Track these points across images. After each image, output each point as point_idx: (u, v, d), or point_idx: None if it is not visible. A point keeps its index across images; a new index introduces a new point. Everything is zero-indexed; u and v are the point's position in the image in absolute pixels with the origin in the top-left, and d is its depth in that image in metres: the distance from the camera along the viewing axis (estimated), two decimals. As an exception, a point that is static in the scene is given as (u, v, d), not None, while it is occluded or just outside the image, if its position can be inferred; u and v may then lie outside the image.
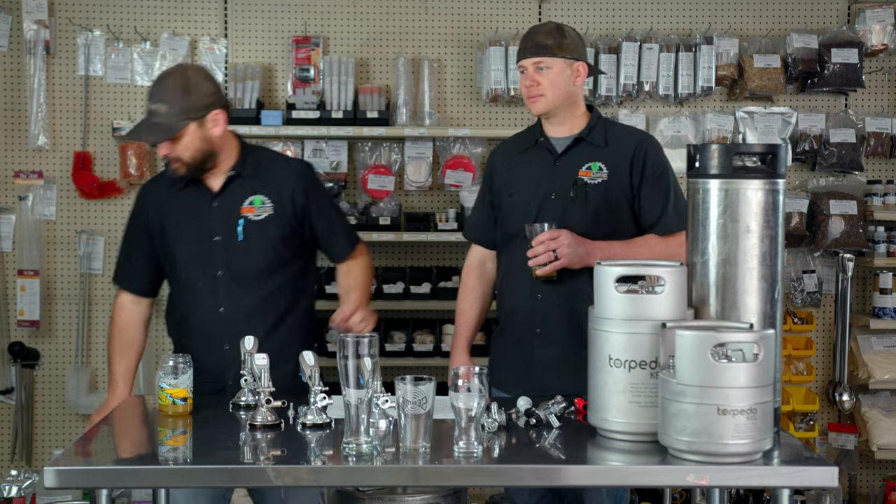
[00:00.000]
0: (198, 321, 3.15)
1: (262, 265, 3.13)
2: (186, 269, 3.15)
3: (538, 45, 3.11)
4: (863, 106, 4.91)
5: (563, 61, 3.11)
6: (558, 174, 3.16)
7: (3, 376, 4.72)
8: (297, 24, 4.77)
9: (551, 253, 2.96)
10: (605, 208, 3.11)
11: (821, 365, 4.93)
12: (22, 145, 4.72)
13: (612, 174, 3.12)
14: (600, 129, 3.18)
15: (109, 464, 2.38)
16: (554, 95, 3.12)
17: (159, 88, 3.05)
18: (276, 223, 3.13)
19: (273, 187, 3.15)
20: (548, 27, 3.15)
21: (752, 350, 2.20)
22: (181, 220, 3.15)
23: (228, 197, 3.13)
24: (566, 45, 3.12)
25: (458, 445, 2.29)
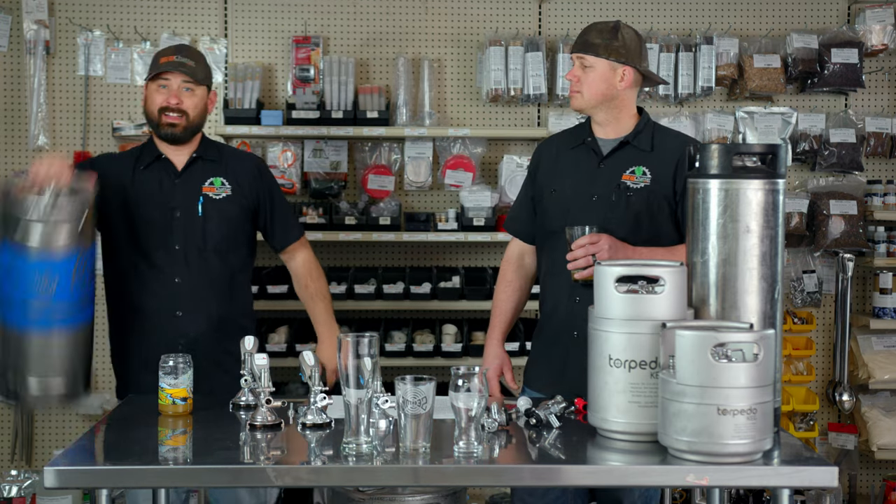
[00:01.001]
0: (152, 289, 3.28)
1: (217, 241, 3.31)
2: (145, 240, 3.28)
3: (585, 42, 3.08)
4: (863, 106, 4.91)
5: (606, 63, 3.05)
6: (602, 176, 3.12)
7: (3, 376, 4.72)
8: (297, 24, 4.77)
9: (590, 257, 2.92)
10: (646, 213, 3.06)
11: (821, 365, 4.93)
12: (22, 145, 4.72)
13: (656, 179, 3.07)
14: (647, 134, 3.13)
15: (109, 464, 2.38)
16: (590, 95, 3.08)
17: (183, 48, 3.32)
18: (232, 204, 3.33)
19: (232, 172, 3.36)
20: (604, 25, 3.11)
21: (752, 350, 2.20)
22: (144, 194, 3.29)
23: (191, 175, 3.33)
24: (614, 47, 3.05)
25: (458, 445, 2.29)
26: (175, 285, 3.27)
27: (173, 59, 3.26)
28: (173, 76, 3.25)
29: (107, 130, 4.72)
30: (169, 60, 3.26)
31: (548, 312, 3.23)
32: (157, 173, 3.32)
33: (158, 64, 3.28)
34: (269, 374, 2.63)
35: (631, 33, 3.11)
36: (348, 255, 4.83)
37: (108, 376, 4.74)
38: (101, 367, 4.75)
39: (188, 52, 3.32)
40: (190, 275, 3.28)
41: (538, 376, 3.22)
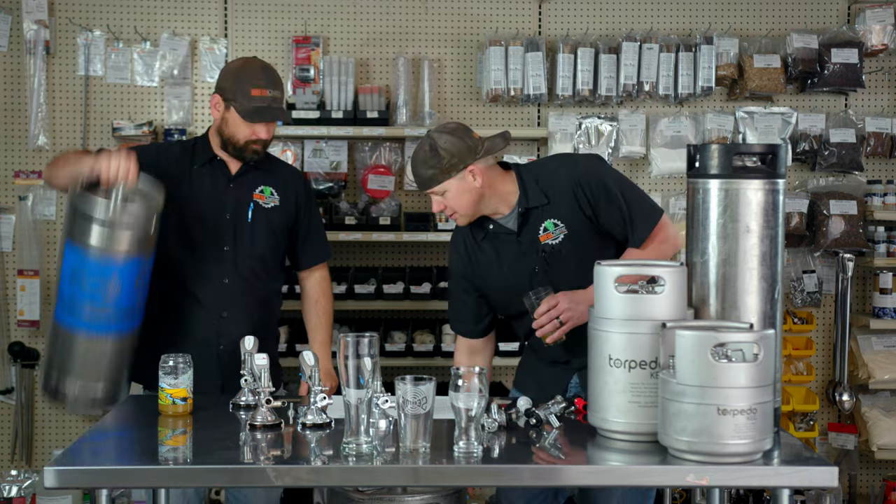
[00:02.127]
0: (199, 287, 3.29)
1: (263, 247, 3.34)
2: (197, 238, 3.29)
3: (423, 178, 3.04)
4: (863, 106, 4.91)
5: (453, 180, 3.02)
6: (526, 250, 3.10)
7: (3, 376, 4.72)
8: (297, 24, 4.77)
9: (556, 321, 2.93)
10: (583, 255, 3.02)
11: (821, 365, 4.93)
12: (22, 145, 4.72)
13: (568, 224, 3.07)
14: (534, 189, 3.09)
15: (109, 464, 2.38)
16: (465, 209, 3.06)
17: (271, 75, 3.28)
18: (279, 214, 3.37)
19: (280, 184, 3.39)
20: (423, 155, 3.03)
21: (752, 350, 2.20)
22: (199, 192, 3.31)
23: (244, 181, 3.35)
24: (446, 166, 3.00)
25: (458, 445, 2.29)
26: (223, 286, 3.29)
27: (267, 94, 3.22)
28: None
29: (107, 130, 4.72)
30: (263, 95, 3.22)
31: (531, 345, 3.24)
32: (211, 174, 3.33)
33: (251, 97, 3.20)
34: (269, 374, 2.63)
35: (447, 140, 3.02)
36: (348, 255, 4.83)
37: (108, 376, 4.74)
38: (101, 367, 4.75)
39: (276, 83, 3.27)
40: (237, 277, 3.30)
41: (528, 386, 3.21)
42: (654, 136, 4.77)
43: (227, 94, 3.25)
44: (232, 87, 3.24)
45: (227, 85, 3.26)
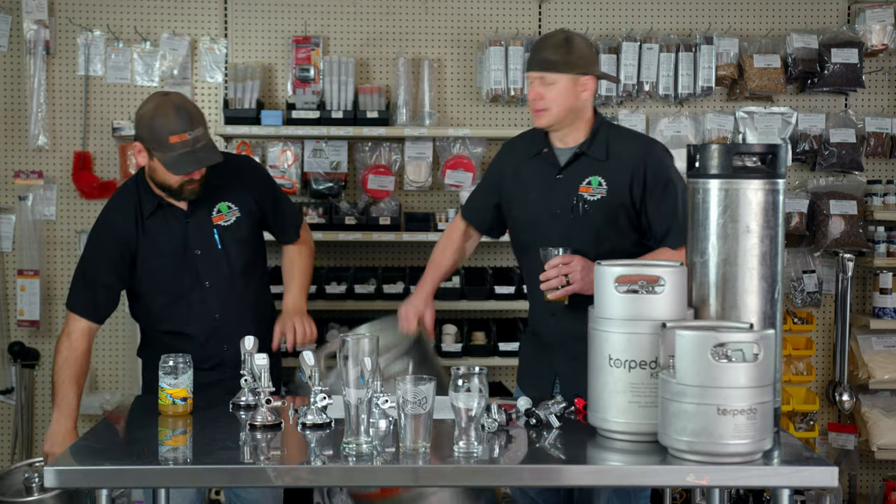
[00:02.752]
0: (194, 331, 3.23)
1: (242, 266, 3.28)
2: (175, 287, 3.21)
3: (544, 60, 3.07)
4: (863, 106, 4.91)
5: (568, 77, 3.06)
6: (560, 189, 3.14)
7: (3, 376, 4.72)
8: (297, 24, 4.77)
9: (563, 278, 2.93)
10: (605, 224, 3.08)
11: (821, 365, 4.93)
12: (22, 145, 4.72)
13: (612, 189, 3.08)
14: (602, 141, 3.13)
15: (109, 464, 2.38)
16: (558, 111, 3.09)
17: (186, 115, 3.05)
18: (244, 224, 3.28)
19: (232, 192, 3.27)
20: (556, 40, 3.10)
21: (752, 350, 2.20)
22: (158, 244, 3.21)
23: (199, 213, 3.23)
24: (572, 61, 3.06)
25: (458, 445, 2.29)
26: (215, 321, 3.24)
27: (187, 138, 3.03)
28: None
29: (107, 130, 4.71)
30: (182, 140, 3.02)
31: (532, 321, 3.30)
32: (164, 218, 3.21)
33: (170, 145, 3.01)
34: (269, 374, 2.63)
35: (582, 41, 3.12)
36: (348, 255, 4.82)
37: (108, 376, 4.75)
38: (102, 367, 4.76)
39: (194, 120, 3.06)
40: (226, 307, 3.24)
41: (530, 384, 3.25)
42: (654, 136, 4.76)
43: (148, 144, 3.07)
44: (150, 137, 3.05)
45: (144, 134, 3.06)
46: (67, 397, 3.13)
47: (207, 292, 3.23)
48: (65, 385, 3.13)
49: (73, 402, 3.13)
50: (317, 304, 4.47)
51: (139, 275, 3.22)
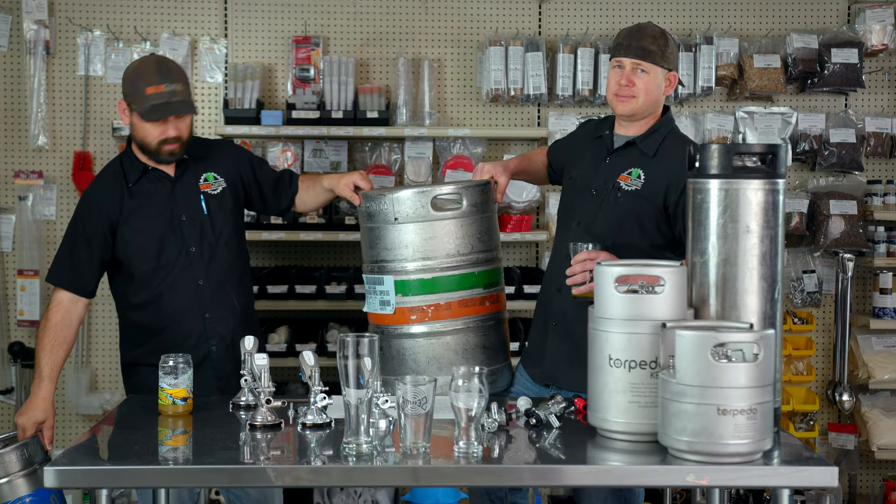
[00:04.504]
0: (177, 297, 3.24)
1: (227, 235, 3.31)
2: (155, 254, 3.24)
3: (644, 49, 3.07)
4: (863, 106, 4.91)
5: (661, 70, 3.09)
6: (604, 172, 3.16)
7: (3, 376, 4.72)
8: (297, 24, 4.77)
9: (587, 273, 2.92)
10: (630, 217, 3.08)
11: (821, 365, 4.93)
12: (22, 145, 4.72)
13: (648, 185, 3.08)
14: (656, 138, 3.14)
15: (109, 464, 2.38)
16: (645, 100, 3.09)
17: (165, 70, 3.16)
18: (230, 195, 3.33)
19: (219, 164, 3.35)
20: (654, 31, 3.11)
21: (752, 350, 2.20)
22: (144, 209, 3.25)
23: (186, 178, 3.29)
24: (668, 55, 3.10)
25: (458, 445, 2.30)
26: (199, 288, 3.25)
27: (162, 89, 3.12)
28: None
29: (107, 130, 4.72)
30: (158, 92, 3.11)
31: (540, 297, 3.34)
32: (150, 184, 3.26)
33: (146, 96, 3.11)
34: (269, 374, 2.63)
35: (672, 38, 3.16)
36: (348, 255, 4.82)
37: (108, 376, 4.75)
38: (101, 368, 4.76)
39: (173, 75, 3.16)
40: (210, 274, 3.26)
41: (527, 358, 3.31)
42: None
43: (128, 98, 3.16)
44: (131, 90, 3.15)
45: (126, 88, 3.17)
46: (40, 365, 3.16)
47: (193, 257, 3.24)
48: (39, 353, 3.18)
49: (45, 370, 3.15)
50: (317, 304, 4.47)
51: (125, 240, 3.23)
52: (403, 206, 3.06)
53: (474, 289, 3.11)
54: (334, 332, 4.52)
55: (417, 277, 3.08)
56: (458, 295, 3.10)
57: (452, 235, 3.08)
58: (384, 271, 3.13)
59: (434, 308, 3.08)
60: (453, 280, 3.09)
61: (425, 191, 3.07)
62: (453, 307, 3.10)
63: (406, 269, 3.09)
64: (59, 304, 3.23)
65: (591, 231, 3.07)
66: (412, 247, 3.08)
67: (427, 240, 3.07)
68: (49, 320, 3.22)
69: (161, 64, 3.18)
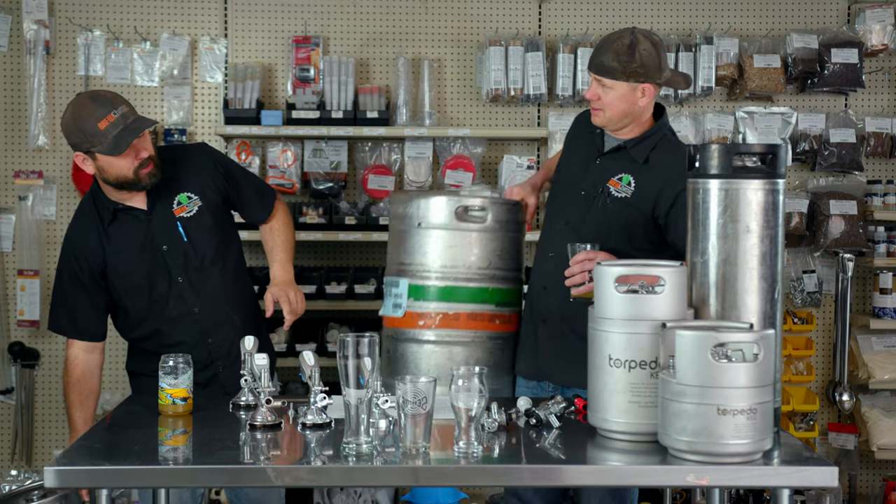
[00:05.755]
0: (175, 328, 3.19)
1: (212, 255, 3.22)
2: (146, 290, 3.18)
3: (603, 66, 3.04)
4: (863, 106, 4.91)
5: (626, 84, 3.03)
6: (594, 173, 3.15)
7: (3, 376, 4.72)
8: (297, 24, 4.77)
9: (587, 273, 2.91)
10: (619, 223, 3.07)
11: (821, 365, 4.93)
12: (22, 145, 4.72)
13: (639, 193, 3.07)
14: (647, 145, 3.11)
15: (109, 464, 2.38)
16: (612, 114, 3.08)
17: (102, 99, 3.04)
18: (207, 211, 3.23)
19: (189, 181, 3.23)
20: (620, 45, 3.03)
21: (752, 350, 2.20)
22: (124, 250, 3.18)
23: (159, 208, 3.18)
24: (631, 70, 3.01)
25: (458, 445, 2.29)
26: (195, 316, 3.19)
27: (113, 118, 3.00)
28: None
29: (107, 130, 4.71)
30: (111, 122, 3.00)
31: (528, 296, 3.33)
32: (126, 221, 3.18)
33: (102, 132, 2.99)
34: (269, 374, 2.63)
35: (648, 47, 3.03)
36: (348, 255, 4.83)
37: (108, 376, 4.74)
38: (101, 367, 4.75)
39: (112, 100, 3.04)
40: (203, 300, 3.19)
41: (519, 358, 3.27)
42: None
43: (84, 146, 3.04)
44: (81, 138, 3.03)
45: (77, 139, 3.04)
46: (73, 419, 3.22)
47: (182, 287, 3.18)
48: (70, 409, 3.22)
49: (78, 423, 3.19)
50: (317, 304, 4.47)
51: (113, 284, 3.19)
52: (429, 212, 3.07)
53: (486, 304, 3.12)
54: (334, 332, 4.53)
55: (431, 284, 3.12)
56: (468, 307, 3.11)
57: (473, 248, 3.10)
58: (402, 274, 3.15)
59: (442, 316, 3.10)
60: (466, 292, 3.10)
61: (452, 199, 3.10)
62: (461, 318, 3.11)
63: (422, 274, 3.12)
64: (75, 359, 3.22)
65: (579, 232, 3.07)
66: (431, 253, 3.10)
67: (447, 248, 3.10)
68: (70, 376, 3.22)
69: (95, 96, 3.06)
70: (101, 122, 3.00)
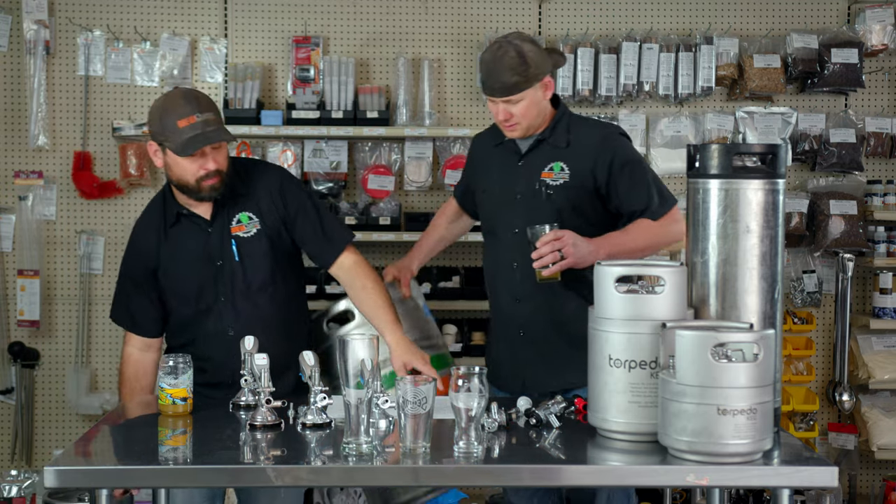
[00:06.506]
0: (208, 346, 3.12)
1: (261, 281, 3.11)
2: (193, 299, 3.12)
3: (506, 86, 3.06)
4: (863, 106, 4.91)
5: (531, 90, 3.09)
6: (522, 174, 3.19)
7: (3, 376, 4.72)
8: (297, 24, 4.77)
9: (556, 253, 2.94)
10: (568, 209, 3.12)
11: (821, 365, 4.93)
12: (22, 145, 4.72)
13: (575, 175, 3.14)
14: (563, 129, 3.19)
15: (109, 464, 2.38)
16: (527, 122, 3.14)
17: (194, 100, 2.99)
18: (265, 236, 3.11)
19: (254, 200, 3.13)
20: (510, 61, 3.04)
21: (752, 350, 2.20)
22: (181, 253, 3.12)
23: (220, 221, 3.11)
24: (531, 74, 3.06)
25: (458, 445, 2.29)
26: (229, 339, 3.03)
27: (195, 120, 2.95)
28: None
29: (107, 130, 4.71)
30: (191, 123, 2.95)
31: (495, 312, 3.33)
32: (186, 229, 3.12)
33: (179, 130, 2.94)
34: (269, 374, 2.63)
35: (530, 47, 3.09)
36: (348, 255, 4.82)
37: (108, 376, 4.75)
38: (101, 368, 4.76)
39: (203, 104, 2.99)
40: (241, 324, 3.07)
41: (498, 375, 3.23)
42: (654, 136, 4.77)
43: (158, 137, 3.00)
44: (160, 129, 2.98)
45: (155, 128, 3.00)
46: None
47: (222, 307, 3.10)
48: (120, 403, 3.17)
49: None
50: (318, 304, 4.46)
51: (162, 285, 3.14)
52: None
53: None
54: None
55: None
56: None
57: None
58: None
59: None
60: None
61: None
62: None
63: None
64: (129, 357, 3.20)
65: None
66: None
67: None
68: (123, 374, 3.21)
69: (188, 95, 3.01)
70: (181, 120, 2.95)
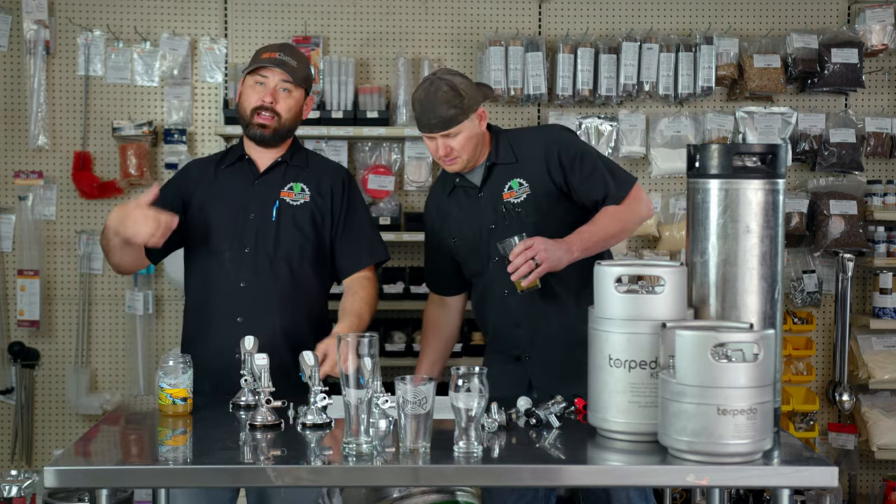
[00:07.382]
0: (217, 292, 3.11)
1: (289, 248, 3.10)
2: (216, 240, 3.12)
3: (443, 119, 3.05)
4: (863, 106, 4.91)
5: (468, 121, 3.09)
6: (487, 204, 3.18)
7: (3, 376, 4.72)
8: (297, 24, 4.77)
9: (531, 262, 2.93)
10: (541, 219, 3.12)
11: (821, 365, 4.93)
12: (22, 145, 4.72)
13: (534, 184, 3.14)
14: (505, 147, 3.19)
15: (109, 464, 2.38)
16: (467, 154, 3.13)
17: (287, 47, 3.16)
18: (310, 212, 3.14)
19: (314, 178, 3.18)
20: (444, 95, 3.05)
21: (752, 350, 2.20)
22: (222, 193, 3.15)
23: (271, 178, 3.16)
24: (466, 105, 3.07)
25: (458, 445, 2.29)
26: (239, 290, 3.06)
27: (276, 55, 3.09)
28: (272, 74, 3.07)
29: (107, 130, 4.71)
30: (271, 57, 3.08)
31: (492, 334, 3.31)
32: (237, 174, 3.16)
33: (259, 59, 3.10)
34: (269, 374, 2.63)
35: (461, 80, 3.10)
36: (348, 255, 4.82)
37: (108, 376, 4.75)
38: (101, 368, 4.76)
39: (291, 51, 3.13)
40: (256, 280, 3.07)
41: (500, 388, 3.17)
42: (654, 136, 4.77)
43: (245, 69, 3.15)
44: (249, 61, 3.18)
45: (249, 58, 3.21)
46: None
47: (244, 257, 3.08)
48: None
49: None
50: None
51: (193, 221, 3.13)
52: None
53: None
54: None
55: None
56: None
57: None
58: None
59: None
60: None
61: None
62: None
63: None
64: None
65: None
66: None
67: None
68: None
69: (287, 44, 3.21)
70: (264, 52, 3.13)
